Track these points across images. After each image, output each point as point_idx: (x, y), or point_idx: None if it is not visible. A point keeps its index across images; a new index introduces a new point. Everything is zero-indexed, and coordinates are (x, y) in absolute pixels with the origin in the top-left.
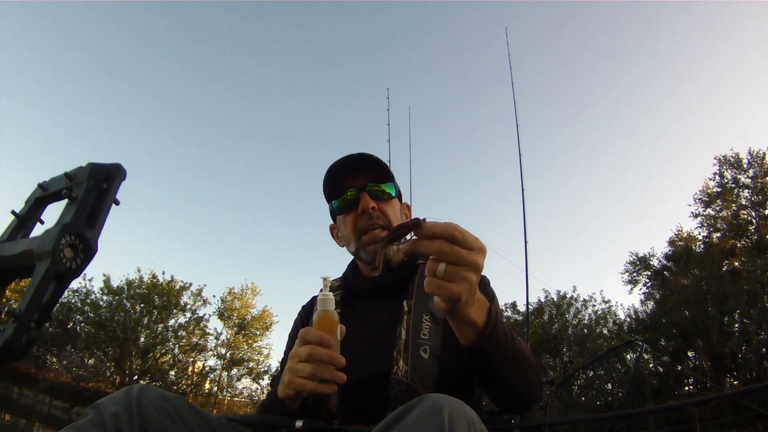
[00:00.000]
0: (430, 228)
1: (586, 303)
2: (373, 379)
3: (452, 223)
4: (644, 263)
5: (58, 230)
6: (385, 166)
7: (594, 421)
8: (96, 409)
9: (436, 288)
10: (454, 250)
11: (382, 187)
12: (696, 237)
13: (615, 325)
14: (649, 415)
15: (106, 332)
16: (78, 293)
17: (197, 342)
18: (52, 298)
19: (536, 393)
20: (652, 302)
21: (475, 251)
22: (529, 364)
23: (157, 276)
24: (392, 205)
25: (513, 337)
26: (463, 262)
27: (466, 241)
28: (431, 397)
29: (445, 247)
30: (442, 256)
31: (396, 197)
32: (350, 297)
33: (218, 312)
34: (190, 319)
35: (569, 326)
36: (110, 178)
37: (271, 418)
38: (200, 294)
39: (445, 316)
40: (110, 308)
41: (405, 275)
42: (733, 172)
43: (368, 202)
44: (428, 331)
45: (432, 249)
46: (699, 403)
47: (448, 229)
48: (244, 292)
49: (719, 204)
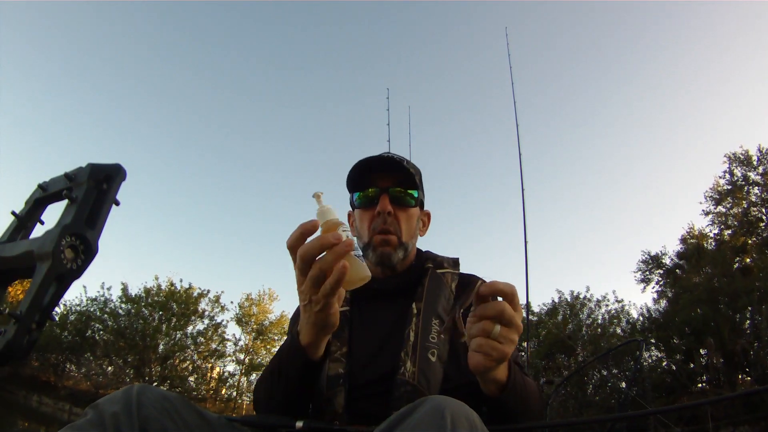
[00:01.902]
0: (495, 286)
1: (600, 303)
2: (378, 380)
3: (511, 284)
4: (656, 262)
5: (59, 231)
6: (412, 172)
7: (595, 422)
8: (96, 408)
9: (490, 349)
10: (511, 313)
11: (405, 194)
12: (708, 235)
13: (628, 325)
14: (649, 416)
15: (126, 340)
16: (96, 302)
17: (216, 348)
18: (53, 299)
19: (538, 417)
20: (664, 301)
21: (519, 312)
22: (536, 399)
23: (175, 284)
24: (410, 213)
25: (523, 379)
26: (514, 324)
27: (518, 303)
28: (433, 399)
29: (507, 310)
30: (501, 318)
31: (417, 206)
32: (358, 296)
33: (236, 318)
34: (209, 325)
35: (583, 326)
36: (110, 178)
37: (270, 418)
38: (218, 300)
39: (477, 375)
40: (129, 316)
41: (413, 278)
42: (743, 170)
43: (386, 206)
44: (437, 335)
45: (496, 311)
46: (696, 405)
47: (512, 290)
48: (262, 297)
49: (730, 201)
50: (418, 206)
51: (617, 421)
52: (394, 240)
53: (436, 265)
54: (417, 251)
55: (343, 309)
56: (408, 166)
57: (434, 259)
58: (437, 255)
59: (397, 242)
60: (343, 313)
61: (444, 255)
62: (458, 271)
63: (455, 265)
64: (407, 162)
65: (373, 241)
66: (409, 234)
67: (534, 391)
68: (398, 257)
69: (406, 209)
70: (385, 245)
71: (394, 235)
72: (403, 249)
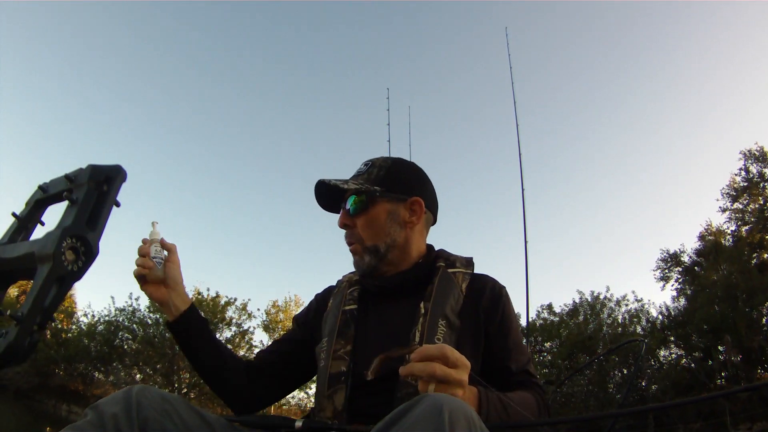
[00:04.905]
0: (425, 351)
1: (620, 302)
2: (382, 379)
3: (443, 344)
4: (675, 260)
5: (59, 233)
6: (372, 173)
7: (595, 420)
8: (96, 409)
9: None
10: (444, 371)
11: (353, 202)
12: (725, 231)
13: (648, 324)
14: (649, 415)
15: (154, 348)
16: (124, 311)
17: (244, 355)
18: (54, 301)
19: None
20: (683, 299)
21: (460, 369)
22: (527, 414)
23: (202, 293)
24: (369, 216)
25: (506, 407)
26: (452, 380)
27: (456, 360)
28: (431, 396)
29: (437, 370)
30: (432, 378)
31: (377, 204)
32: (365, 295)
33: (263, 325)
34: (236, 332)
35: (604, 326)
36: (110, 180)
37: (270, 418)
38: (245, 308)
39: None
40: (158, 325)
41: (422, 276)
42: (759, 166)
43: (340, 221)
44: (443, 336)
45: (426, 372)
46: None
47: (441, 349)
48: (288, 304)
49: (746, 198)
50: (383, 201)
51: (617, 418)
52: (357, 248)
53: (448, 264)
54: (428, 248)
55: (351, 307)
56: (358, 177)
57: (447, 258)
58: (450, 254)
59: (361, 249)
60: (350, 311)
61: (458, 254)
62: (471, 270)
63: (468, 265)
64: (366, 168)
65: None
66: (373, 236)
67: (526, 407)
68: (366, 262)
69: (360, 215)
70: (354, 254)
71: (357, 244)
72: (370, 253)
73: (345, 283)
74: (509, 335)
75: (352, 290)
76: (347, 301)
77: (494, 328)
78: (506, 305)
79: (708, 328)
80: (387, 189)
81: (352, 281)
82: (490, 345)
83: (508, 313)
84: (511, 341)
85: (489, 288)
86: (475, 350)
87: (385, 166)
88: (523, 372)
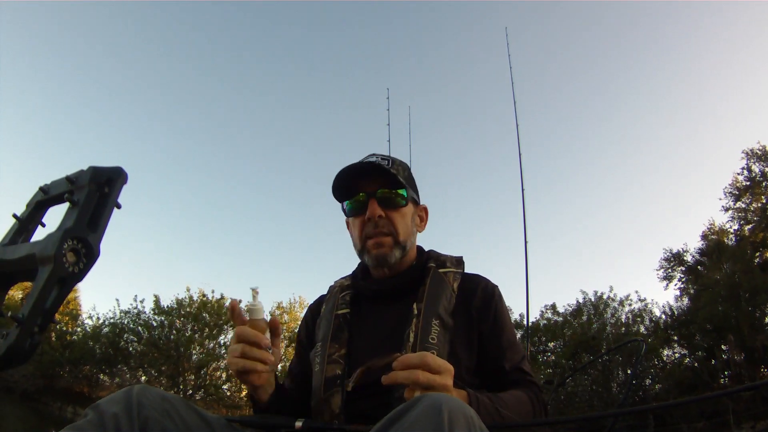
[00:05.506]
0: (407, 360)
1: (623, 302)
2: (377, 381)
3: (424, 352)
4: (678, 259)
5: (60, 235)
6: (399, 171)
7: (594, 420)
8: (96, 409)
9: None
10: (427, 377)
11: (394, 194)
12: (728, 230)
13: (651, 323)
14: (649, 414)
15: (159, 350)
16: (129, 314)
17: None
18: (55, 302)
19: None
20: (686, 298)
21: (444, 374)
22: (522, 415)
23: (207, 294)
24: (402, 213)
25: (498, 409)
26: (437, 386)
27: (438, 366)
28: (431, 396)
29: (420, 377)
30: (416, 385)
31: (408, 203)
32: (359, 298)
33: None
34: None
35: (607, 325)
36: (111, 181)
37: (270, 418)
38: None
39: None
40: (162, 327)
41: (415, 278)
42: (761, 165)
43: (375, 211)
44: (437, 336)
45: (409, 380)
46: (695, 401)
47: (423, 358)
48: (292, 305)
49: (749, 197)
50: (411, 203)
51: (617, 418)
52: (388, 241)
53: (438, 264)
54: (418, 250)
55: (344, 311)
56: (393, 167)
57: (437, 258)
58: (440, 254)
59: (393, 242)
60: (343, 315)
61: (447, 254)
62: (462, 270)
63: (458, 264)
64: (392, 162)
65: (367, 246)
66: (405, 233)
67: (520, 406)
68: (395, 257)
69: (397, 209)
70: (379, 247)
71: (389, 236)
72: (401, 248)
73: (337, 288)
74: (503, 334)
75: (344, 294)
76: (340, 305)
77: (487, 328)
78: (498, 304)
79: (711, 327)
80: (413, 190)
81: (343, 286)
82: (484, 344)
83: (501, 312)
84: (504, 340)
85: (481, 288)
86: (470, 349)
87: (406, 168)
88: (517, 370)
